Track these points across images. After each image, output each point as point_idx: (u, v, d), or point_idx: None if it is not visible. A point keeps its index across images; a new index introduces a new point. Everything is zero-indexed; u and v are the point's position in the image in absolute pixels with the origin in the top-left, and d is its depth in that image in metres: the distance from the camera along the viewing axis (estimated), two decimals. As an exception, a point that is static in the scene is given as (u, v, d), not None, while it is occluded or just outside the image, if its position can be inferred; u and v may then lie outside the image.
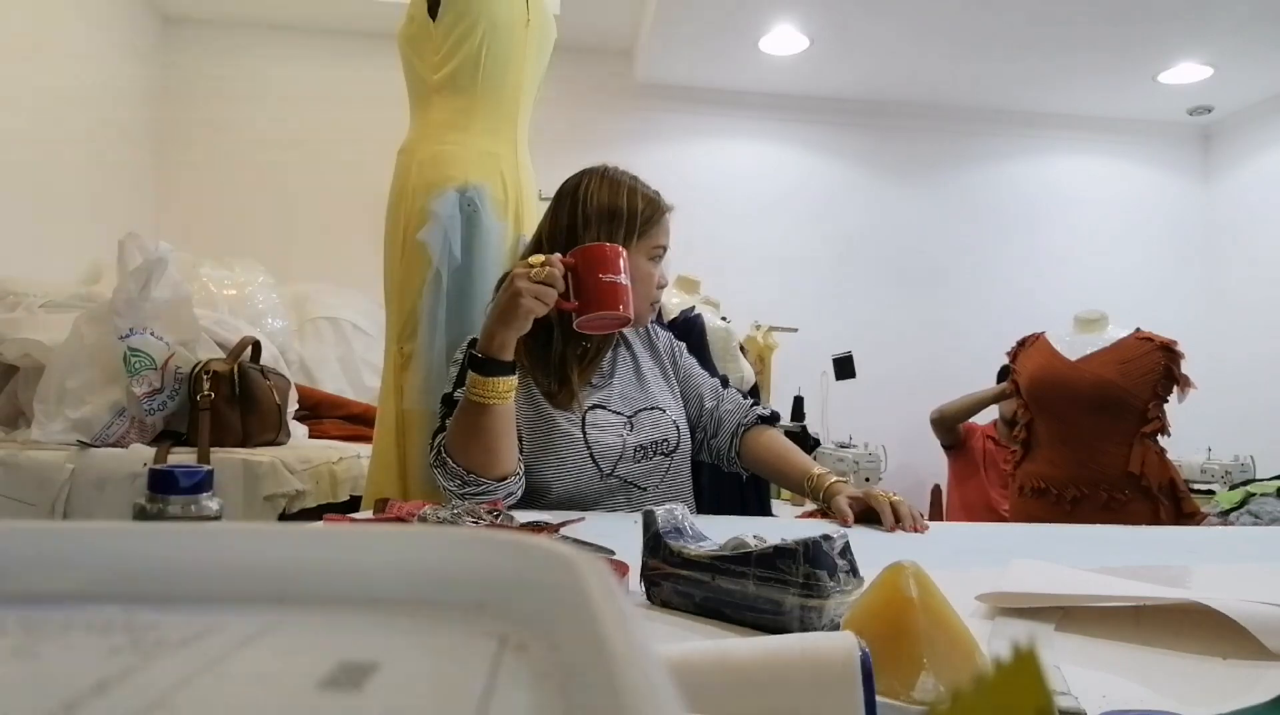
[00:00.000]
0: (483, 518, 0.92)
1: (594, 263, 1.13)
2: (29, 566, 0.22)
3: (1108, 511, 2.19)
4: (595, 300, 1.12)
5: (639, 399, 1.37)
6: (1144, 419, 2.25)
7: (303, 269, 3.26)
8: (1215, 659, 0.57)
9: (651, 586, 0.69)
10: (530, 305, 1.09)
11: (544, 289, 1.09)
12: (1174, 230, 4.29)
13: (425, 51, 1.54)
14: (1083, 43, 3.43)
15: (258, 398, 1.78)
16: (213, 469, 0.77)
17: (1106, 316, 2.43)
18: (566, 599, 0.20)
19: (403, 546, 0.24)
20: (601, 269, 1.12)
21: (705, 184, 3.93)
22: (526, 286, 1.09)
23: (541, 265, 1.10)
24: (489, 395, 1.13)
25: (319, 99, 3.69)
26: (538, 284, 1.09)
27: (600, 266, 1.12)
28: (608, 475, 1.29)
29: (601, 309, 1.12)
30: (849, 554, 0.61)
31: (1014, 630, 0.62)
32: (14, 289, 2.14)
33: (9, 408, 1.90)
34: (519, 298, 1.09)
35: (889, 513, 1.14)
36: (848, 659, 0.40)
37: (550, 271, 1.10)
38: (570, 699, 0.17)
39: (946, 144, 4.19)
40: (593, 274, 1.12)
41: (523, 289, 1.09)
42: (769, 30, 3.41)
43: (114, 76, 3.29)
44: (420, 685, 0.18)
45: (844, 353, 3.45)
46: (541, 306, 1.10)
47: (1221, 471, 3.11)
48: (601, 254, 1.14)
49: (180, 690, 0.17)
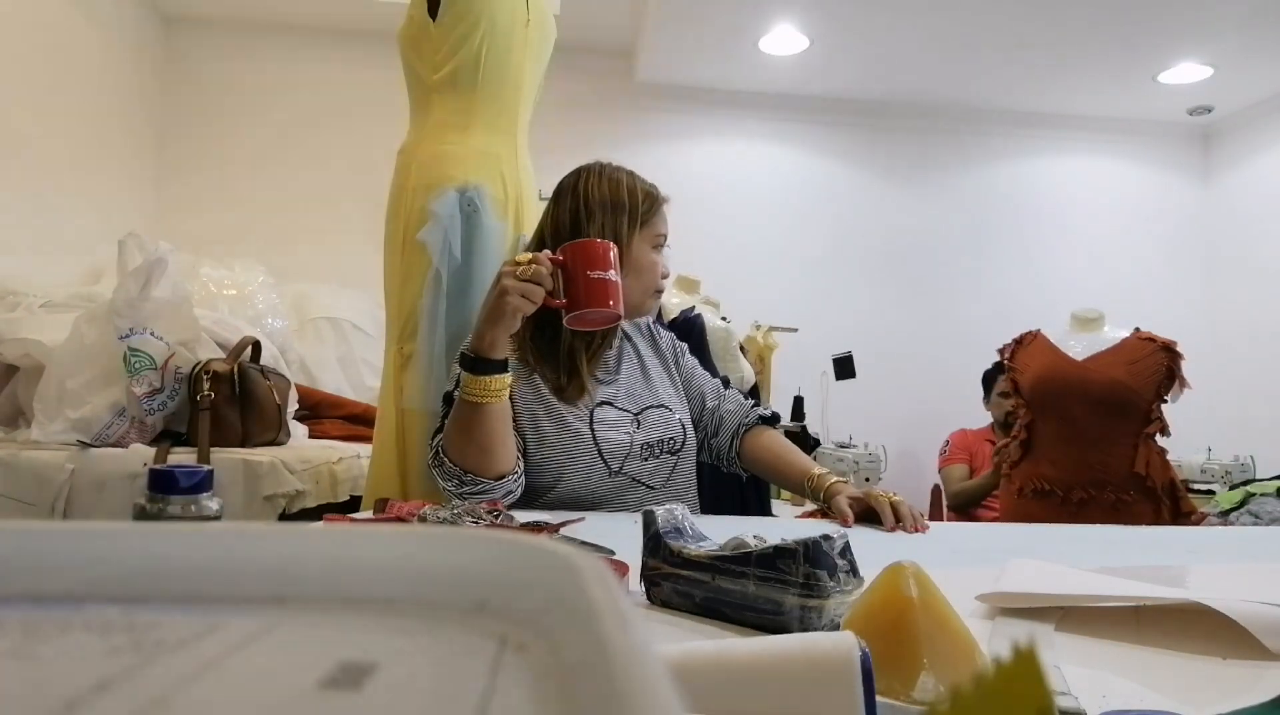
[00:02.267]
0: (483, 518, 0.92)
1: (583, 259, 1.11)
2: (29, 566, 0.22)
3: (1114, 513, 2.18)
4: (584, 297, 1.11)
5: (645, 397, 1.37)
6: (1147, 419, 2.24)
7: (303, 269, 3.26)
8: (1215, 659, 0.57)
9: (651, 586, 0.69)
10: (517, 303, 1.09)
11: (530, 287, 1.09)
12: (1174, 230, 4.29)
13: (425, 51, 1.54)
14: (1083, 42, 3.43)
15: (258, 398, 1.78)
16: (213, 469, 0.77)
17: (1103, 315, 2.42)
18: (566, 599, 0.20)
19: (403, 546, 0.24)
20: (590, 266, 1.11)
21: (705, 184, 3.93)
22: (513, 284, 1.09)
23: (528, 263, 1.10)
24: (482, 394, 1.13)
25: (319, 99, 3.69)
26: (524, 282, 1.09)
27: (589, 263, 1.11)
28: (616, 472, 1.29)
29: (590, 306, 1.11)
30: (849, 554, 0.61)
31: (1014, 630, 0.62)
32: (14, 289, 2.14)
33: (9, 408, 1.90)
34: (505, 296, 1.09)
35: (889, 513, 1.14)
36: (848, 659, 0.40)
37: (537, 269, 1.09)
38: (570, 699, 0.17)
39: (946, 144, 4.19)
40: (581, 271, 1.11)
41: (509, 287, 1.08)
42: (769, 30, 3.41)
43: (114, 76, 3.29)
44: (420, 685, 0.18)
45: (844, 353, 3.45)
46: (529, 305, 1.10)
47: (1221, 471, 3.11)
48: (591, 250, 1.12)
49: (180, 690, 0.17)
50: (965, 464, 3.28)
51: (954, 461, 3.30)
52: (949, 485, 3.21)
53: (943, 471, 3.31)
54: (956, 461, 3.29)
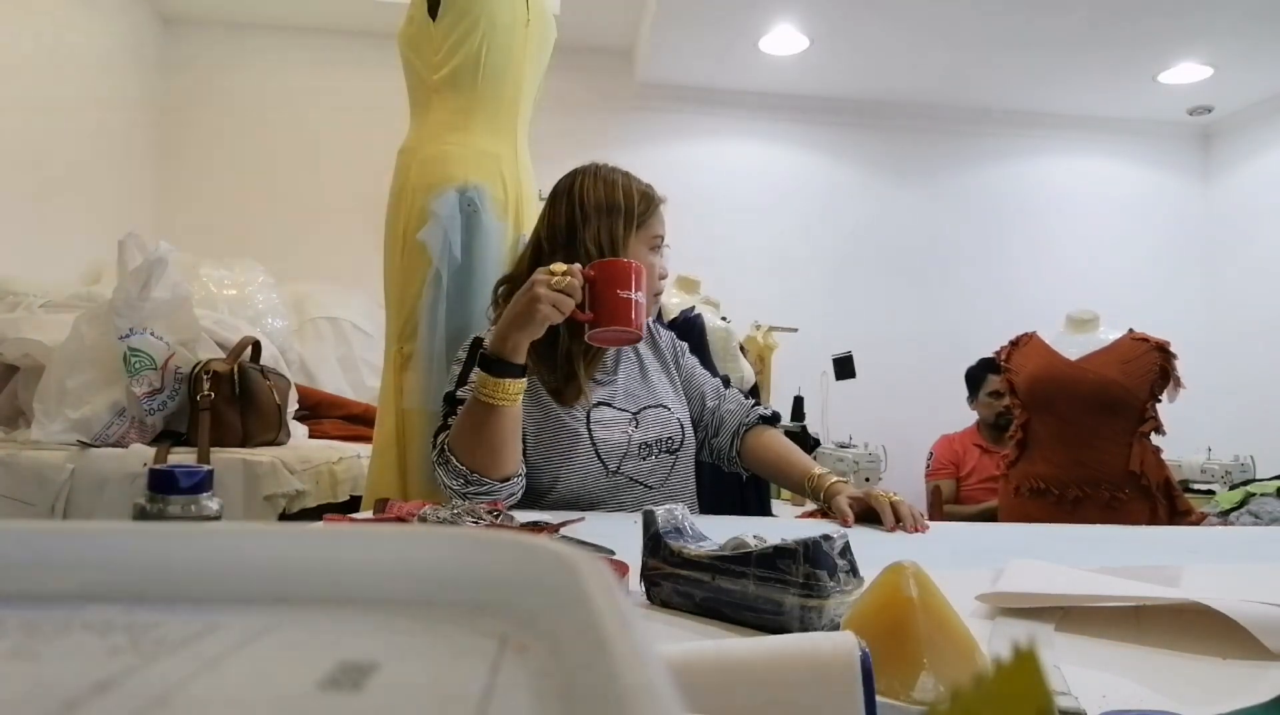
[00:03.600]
0: (483, 518, 0.92)
1: (613, 278, 1.14)
2: (29, 566, 0.22)
3: (1109, 511, 2.20)
4: (610, 314, 1.14)
5: (643, 396, 1.37)
6: (1141, 418, 2.26)
7: (303, 269, 3.26)
8: (1215, 659, 0.57)
9: (651, 586, 0.69)
10: (548, 312, 1.10)
11: (563, 298, 1.11)
12: (1174, 230, 4.29)
13: (425, 52, 1.54)
14: (1083, 42, 3.43)
15: (258, 398, 1.78)
16: (213, 469, 0.76)
17: (1098, 316, 2.44)
18: (566, 599, 0.20)
19: (403, 546, 0.24)
20: (621, 285, 1.14)
21: (705, 184, 3.93)
22: (546, 293, 1.10)
23: (563, 274, 1.11)
24: (498, 396, 1.13)
25: (319, 99, 3.69)
26: (557, 293, 1.10)
27: (619, 282, 1.14)
28: (614, 472, 1.29)
29: (615, 323, 1.14)
30: (849, 554, 0.61)
31: (1014, 630, 0.62)
32: (14, 289, 2.15)
33: (9, 408, 1.90)
34: (537, 303, 1.10)
35: (889, 513, 1.14)
36: (848, 659, 0.40)
37: (571, 281, 1.11)
38: (570, 699, 0.17)
39: (946, 144, 4.19)
40: (611, 289, 1.14)
41: (542, 296, 1.10)
42: (769, 30, 3.41)
43: (114, 77, 3.29)
44: (420, 685, 0.18)
45: (844, 353, 3.44)
46: (558, 315, 1.11)
47: (1221, 471, 3.11)
48: (622, 270, 1.15)
49: (180, 690, 0.17)
50: (952, 478, 3.28)
51: (939, 476, 3.31)
52: (939, 503, 3.21)
53: (929, 485, 3.32)
54: (943, 476, 3.30)
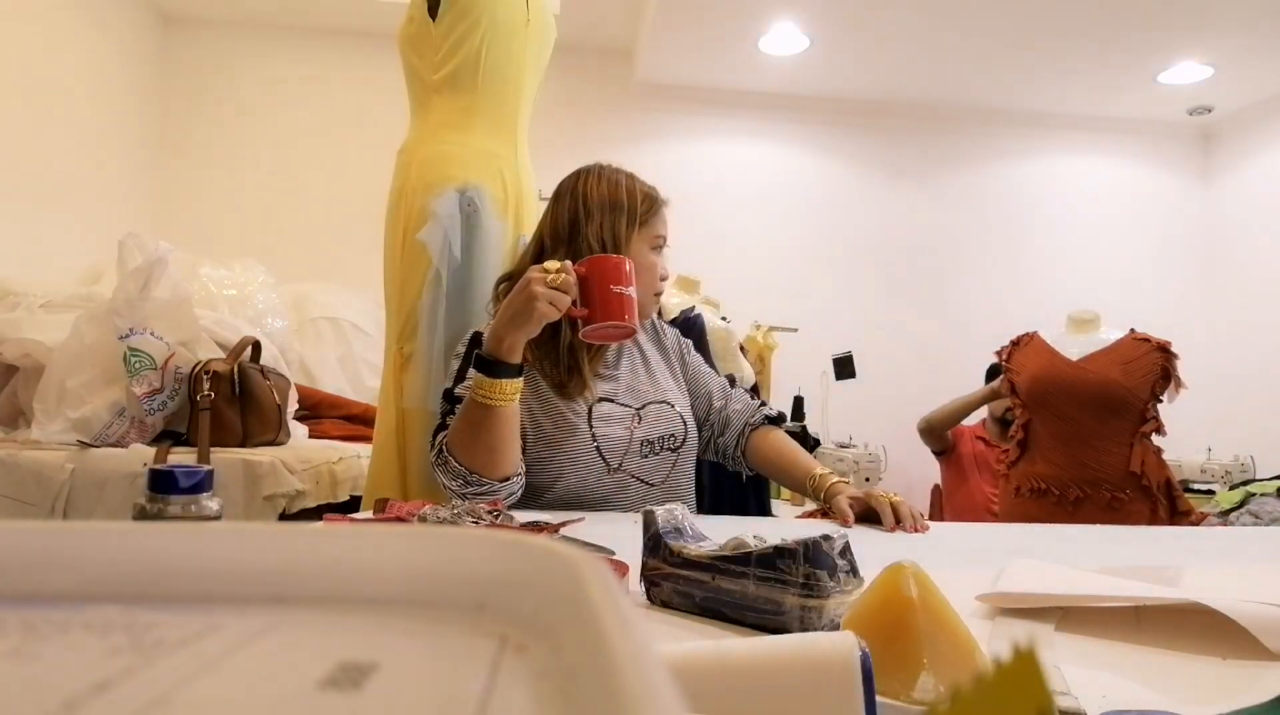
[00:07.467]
0: (483, 517, 0.92)
1: (605, 273, 1.15)
2: (29, 566, 0.22)
3: (1110, 511, 2.20)
4: (604, 310, 1.14)
5: (648, 392, 1.37)
6: (1143, 419, 2.26)
7: (303, 269, 3.26)
8: (1215, 659, 0.57)
9: (651, 586, 0.69)
10: (545, 310, 1.10)
11: (559, 295, 1.10)
12: (1174, 230, 4.29)
13: (425, 51, 1.54)
14: (1083, 43, 3.43)
15: (258, 398, 1.78)
16: (213, 469, 0.76)
17: (1099, 316, 2.44)
18: (566, 599, 0.20)
19: (403, 546, 0.24)
20: (613, 281, 1.14)
21: (705, 184, 3.93)
22: (542, 291, 1.10)
23: (557, 272, 1.11)
24: (495, 397, 1.13)
25: (319, 99, 3.69)
26: (552, 290, 1.10)
27: (612, 277, 1.14)
28: (615, 470, 1.29)
29: (609, 319, 1.14)
30: (849, 554, 0.61)
31: (1014, 630, 0.62)
32: (14, 289, 2.14)
33: (9, 408, 1.90)
34: (534, 302, 1.09)
35: (889, 513, 1.14)
36: (848, 659, 0.40)
37: (566, 278, 1.11)
38: (570, 699, 0.17)
39: (946, 144, 4.19)
40: (603, 284, 1.14)
41: (539, 293, 1.09)
42: (769, 30, 3.41)
43: (114, 76, 3.29)
44: (420, 685, 0.18)
45: (844, 353, 3.44)
46: (555, 312, 1.11)
47: (1221, 471, 3.11)
48: (613, 265, 1.16)
49: (180, 690, 0.17)
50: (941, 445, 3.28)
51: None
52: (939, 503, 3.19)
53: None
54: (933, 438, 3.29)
